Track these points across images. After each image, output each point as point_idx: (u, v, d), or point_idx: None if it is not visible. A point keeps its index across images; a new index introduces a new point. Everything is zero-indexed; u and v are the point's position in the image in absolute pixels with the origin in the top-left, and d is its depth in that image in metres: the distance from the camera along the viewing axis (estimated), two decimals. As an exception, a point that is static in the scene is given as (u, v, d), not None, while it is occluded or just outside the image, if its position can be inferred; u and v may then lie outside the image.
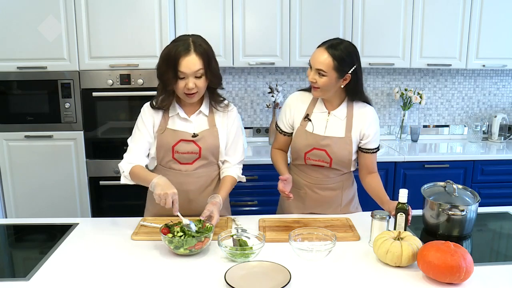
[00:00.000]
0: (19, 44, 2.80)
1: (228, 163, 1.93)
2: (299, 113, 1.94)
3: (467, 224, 1.71)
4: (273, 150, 2.07)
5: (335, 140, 1.88)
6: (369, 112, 1.90)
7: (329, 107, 1.91)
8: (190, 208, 1.87)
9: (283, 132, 2.01)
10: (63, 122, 2.93)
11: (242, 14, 3.05)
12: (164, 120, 1.84)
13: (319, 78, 1.78)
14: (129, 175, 1.78)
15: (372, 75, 3.57)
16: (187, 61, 1.68)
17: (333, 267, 1.47)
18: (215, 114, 1.88)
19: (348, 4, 3.08)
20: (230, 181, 1.88)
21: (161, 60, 1.74)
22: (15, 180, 2.97)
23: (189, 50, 1.68)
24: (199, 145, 1.83)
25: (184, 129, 1.84)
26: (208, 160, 1.88)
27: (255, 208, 3.02)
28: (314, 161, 1.92)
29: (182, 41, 1.71)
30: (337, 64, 1.75)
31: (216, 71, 1.78)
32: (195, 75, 1.71)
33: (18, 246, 1.77)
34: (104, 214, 3.01)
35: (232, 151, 1.92)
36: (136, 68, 2.88)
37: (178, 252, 1.53)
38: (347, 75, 1.80)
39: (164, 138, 1.83)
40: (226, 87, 3.50)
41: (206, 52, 1.73)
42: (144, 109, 1.87)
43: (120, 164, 1.81)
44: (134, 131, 1.87)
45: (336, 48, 1.76)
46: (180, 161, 1.85)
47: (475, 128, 3.55)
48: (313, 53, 1.82)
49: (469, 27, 3.18)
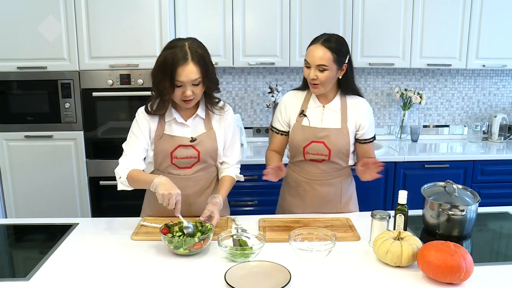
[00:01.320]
0: (19, 44, 2.80)
1: (227, 164, 1.92)
2: (294, 110, 1.97)
3: (467, 224, 1.71)
4: (268, 152, 2.06)
5: (333, 131, 1.91)
6: (362, 103, 1.95)
7: (323, 101, 1.95)
8: (190, 210, 1.86)
9: (280, 131, 2.02)
10: (63, 122, 2.93)
11: (242, 14, 3.05)
12: (161, 126, 1.80)
13: (321, 73, 1.82)
14: (126, 181, 1.73)
15: (372, 75, 3.57)
16: (185, 71, 1.63)
17: (333, 267, 1.47)
18: (212, 117, 1.87)
19: (348, 4, 3.08)
20: (229, 181, 1.88)
21: (156, 68, 1.68)
22: (15, 180, 2.97)
23: (186, 58, 1.63)
24: (198, 149, 1.81)
25: (182, 134, 1.81)
26: (207, 163, 1.87)
27: (255, 208, 3.02)
28: (313, 155, 1.93)
29: (179, 48, 1.64)
30: (336, 56, 1.81)
31: (213, 77, 1.74)
32: (193, 83, 1.67)
33: (18, 246, 1.77)
34: (104, 214, 3.00)
35: (230, 152, 1.92)
36: (136, 68, 2.88)
37: (177, 252, 1.53)
38: (344, 65, 1.86)
39: (161, 145, 1.80)
40: (226, 87, 3.50)
41: (204, 59, 1.67)
42: (139, 114, 1.82)
43: (116, 169, 1.76)
44: (129, 136, 1.82)
45: (330, 41, 1.82)
46: (178, 166, 1.83)
47: (475, 128, 3.55)
48: (308, 51, 1.85)
49: (469, 27, 3.18)
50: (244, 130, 3.42)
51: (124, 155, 1.80)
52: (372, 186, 3.02)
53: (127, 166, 1.75)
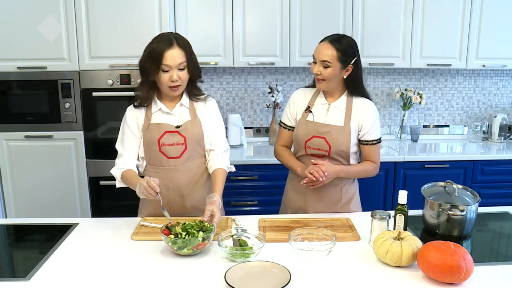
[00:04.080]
0: (19, 44, 2.80)
1: (214, 151, 1.94)
2: (302, 106, 2.03)
3: (467, 224, 1.71)
4: (278, 148, 2.10)
5: (335, 128, 1.94)
6: (367, 105, 1.98)
7: (330, 99, 1.99)
8: (183, 204, 1.89)
9: (288, 126, 2.07)
10: (63, 122, 2.93)
11: (242, 14, 3.05)
12: (147, 117, 1.88)
13: (324, 69, 1.88)
14: (121, 181, 1.86)
15: (372, 75, 3.57)
16: (171, 54, 1.75)
17: (333, 267, 1.47)
18: (196, 105, 1.94)
19: (348, 4, 3.08)
20: (222, 175, 1.89)
21: (144, 56, 1.81)
22: (15, 180, 2.97)
23: (172, 44, 1.77)
24: (184, 135, 1.87)
25: (168, 121, 1.88)
26: (195, 151, 1.91)
27: (255, 208, 3.02)
28: (314, 149, 1.96)
29: (164, 37, 1.80)
30: (341, 55, 1.86)
31: (197, 63, 1.86)
32: (179, 68, 1.78)
33: (18, 246, 1.77)
34: (104, 214, 3.01)
35: (215, 138, 1.95)
36: (136, 68, 2.83)
37: (181, 252, 1.53)
38: (349, 66, 1.90)
39: (149, 134, 1.87)
40: (226, 87, 3.50)
41: (188, 45, 1.82)
42: (127, 111, 1.92)
43: (112, 170, 1.88)
44: (120, 134, 1.92)
45: (339, 42, 1.88)
46: (167, 155, 1.87)
47: (475, 128, 3.55)
48: (317, 47, 1.92)
49: (469, 27, 3.18)
50: (244, 130, 3.42)
51: (119, 156, 1.90)
52: (372, 186, 3.02)
53: (120, 167, 1.86)
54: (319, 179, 1.82)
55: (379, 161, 2.02)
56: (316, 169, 1.82)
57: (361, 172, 1.99)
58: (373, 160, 1.99)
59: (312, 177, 1.83)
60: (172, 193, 1.89)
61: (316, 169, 1.82)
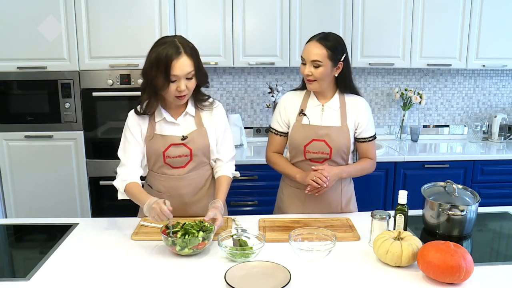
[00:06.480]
0: (19, 44, 2.80)
1: (221, 161, 1.91)
2: (293, 110, 1.98)
3: (467, 224, 1.71)
4: (271, 154, 2.04)
5: (333, 129, 1.92)
6: (360, 102, 1.96)
7: (322, 100, 1.96)
8: (186, 211, 1.87)
9: (279, 132, 2.01)
10: (63, 122, 2.93)
11: (242, 14, 3.05)
12: (151, 126, 1.80)
13: (315, 70, 1.84)
14: (124, 193, 1.77)
15: (372, 75, 3.57)
16: (179, 64, 1.63)
17: (333, 267, 1.47)
18: (202, 113, 1.86)
19: (348, 4, 3.08)
20: (226, 181, 1.87)
21: (149, 65, 1.66)
22: (15, 180, 2.97)
23: (179, 52, 1.63)
24: (190, 147, 1.81)
25: (173, 133, 1.81)
26: (201, 161, 1.86)
27: (255, 208, 3.02)
28: (314, 153, 1.93)
29: (169, 43, 1.65)
30: (331, 52, 1.83)
31: (204, 70, 1.75)
32: (187, 77, 1.67)
33: (18, 246, 1.77)
34: (104, 214, 3.01)
35: (222, 148, 1.91)
36: (136, 68, 2.88)
37: (182, 253, 1.52)
38: (340, 63, 1.87)
39: (153, 145, 1.80)
40: (226, 87, 3.50)
41: (195, 51, 1.70)
42: (130, 117, 1.82)
43: (114, 182, 1.79)
44: (122, 142, 1.82)
45: (327, 39, 1.84)
46: (172, 165, 1.83)
47: (475, 128, 3.55)
48: (305, 47, 1.88)
49: (469, 27, 3.18)
50: (244, 130, 3.42)
51: (121, 165, 1.80)
52: (372, 186, 3.03)
53: (124, 179, 1.76)
54: (322, 185, 1.78)
55: (376, 157, 2.02)
56: (318, 175, 1.78)
57: (361, 170, 1.98)
58: (370, 156, 1.98)
59: (316, 184, 1.79)
60: (174, 201, 1.79)
61: (318, 175, 1.78)
